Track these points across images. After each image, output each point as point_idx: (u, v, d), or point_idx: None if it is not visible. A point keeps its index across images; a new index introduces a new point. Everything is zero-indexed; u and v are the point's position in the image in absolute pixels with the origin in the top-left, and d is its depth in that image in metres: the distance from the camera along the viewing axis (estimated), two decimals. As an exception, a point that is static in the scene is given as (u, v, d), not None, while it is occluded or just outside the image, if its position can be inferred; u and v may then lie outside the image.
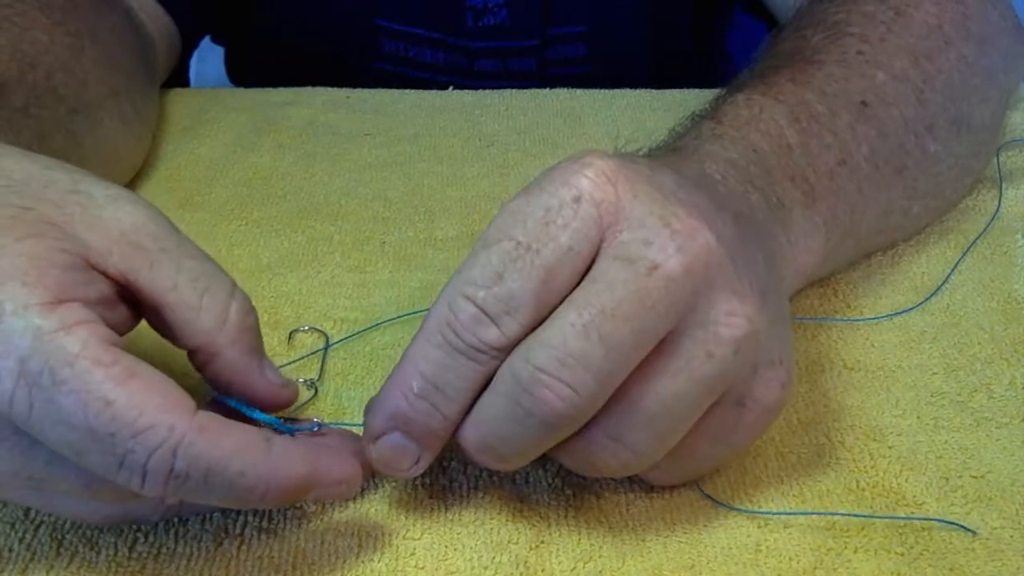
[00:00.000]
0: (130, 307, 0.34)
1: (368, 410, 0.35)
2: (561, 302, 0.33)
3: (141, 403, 0.30)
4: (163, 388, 0.31)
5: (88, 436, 0.30)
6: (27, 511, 0.37)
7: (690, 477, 0.38)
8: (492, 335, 0.33)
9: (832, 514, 0.38)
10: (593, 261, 0.33)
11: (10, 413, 0.30)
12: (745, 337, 0.33)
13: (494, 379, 0.33)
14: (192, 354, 0.35)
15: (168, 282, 0.34)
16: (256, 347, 0.36)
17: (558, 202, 0.33)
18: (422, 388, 0.33)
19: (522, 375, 0.32)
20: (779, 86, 0.47)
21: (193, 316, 0.34)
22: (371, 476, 0.37)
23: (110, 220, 0.33)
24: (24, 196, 0.33)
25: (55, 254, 0.31)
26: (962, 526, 0.37)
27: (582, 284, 0.33)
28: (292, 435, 0.36)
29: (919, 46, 0.51)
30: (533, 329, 0.33)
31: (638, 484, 0.38)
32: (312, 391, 0.43)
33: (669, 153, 0.43)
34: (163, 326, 0.35)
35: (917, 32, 0.52)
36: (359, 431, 0.36)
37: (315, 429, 0.37)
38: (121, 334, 0.33)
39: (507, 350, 0.33)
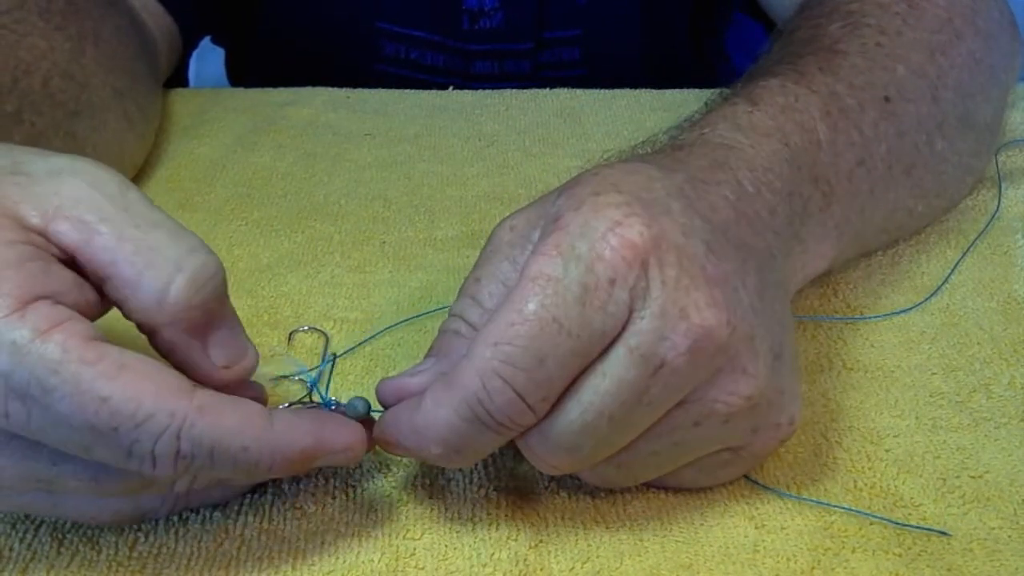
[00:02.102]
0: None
1: (388, 433, 0.35)
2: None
3: (137, 394, 0.30)
4: (156, 375, 0.31)
5: (91, 434, 0.30)
6: (27, 511, 0.37)
7: (676, 488, 0.39)
8: (527, 419, 0.33)
9: (829, 504, 0.38)
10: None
11: (7, 425, 0.30)
12: (740, 413, 0.34)
13: None
14: (138, 327, 0.34)
15: (107, 256, 0.32)
16: (202, 324, 0.34)
17: (594, 281, 0.32)
18: (443, 453, 0.34)
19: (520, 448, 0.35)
20: (811, 75, 0.46)
21: (131, 293, 0.32)
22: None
23: (48, 194, 0.32)
24: None
25: (5, 250, 0.30)
26: (941, 531, 0.37)
27: (595, 370, 0.33)
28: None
29: (933, 40, 0.51)
30: None
31: (637, 484, 0.39)
32: (308, 386, 0.43)
33: (705, 150, 0.41)
34: (109, 299, 0.33)
35: (930, 25, 0.52)
36: None
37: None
38: (96, 315, 0.33)
39: (534, 424, 0.33)
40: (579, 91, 0.70)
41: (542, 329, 0.32)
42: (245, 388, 0.37)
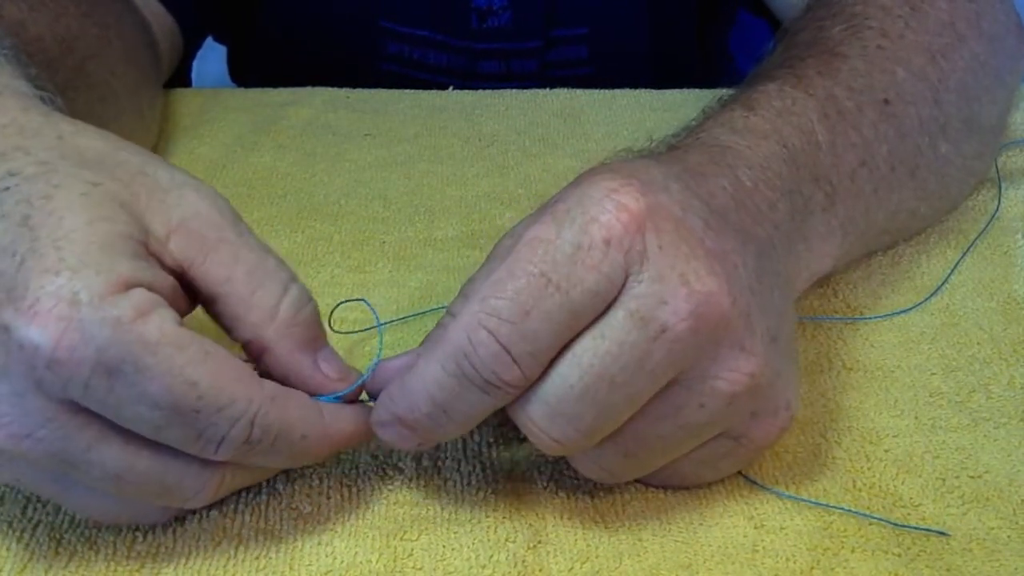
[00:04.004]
0: (187, 292, 0.35)
1: (381, 399, 0.35)
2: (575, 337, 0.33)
3: (222, 381, 0.31)
4: (233, 363, 0.32)
5: (172, 414, 0.31)
6: (24, 509, 0.37)
7: (676, 486, 0.39)
8: (512, 374, 0.33)
9: (828, 505, 0.38)
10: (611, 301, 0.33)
11: (83, 397, 0.31)
12: (743, 391, 0.34)
13: None
14: (244, 346, 0.35)
15: (223, 273, 0.34)
16: (309, 341, 0.35)
17: (588, 241, 0.32)
18: (431, 412, 0.34)
19: (516, 421, 0.34)
20: (808, 78, 0.46)
21: (244, 311, 0.34)
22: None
23: (172, 206, 0.34)
24: (95, 173, 0.33)
25: (123, 240, 0.32)
26: (940, 531, 0.37)
27: (592, 332, 0.33)
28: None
29: (935, 43, 0.51)
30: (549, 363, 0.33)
31: (635, 484, 0.39)
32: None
33: (701, 149, 0.41)
34: (216, 317, 0.35)
35: (932, 29, 0.52)
36: None
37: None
38: (175, 304, 0.34)
39: (523, 387, 0.33)
40: (579, 91, 0.70)
41: (528, 283, 0.32)
42: (340, 380, 0.37)
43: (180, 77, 0.72)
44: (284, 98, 0.69)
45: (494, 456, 0.40)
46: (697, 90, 0.70)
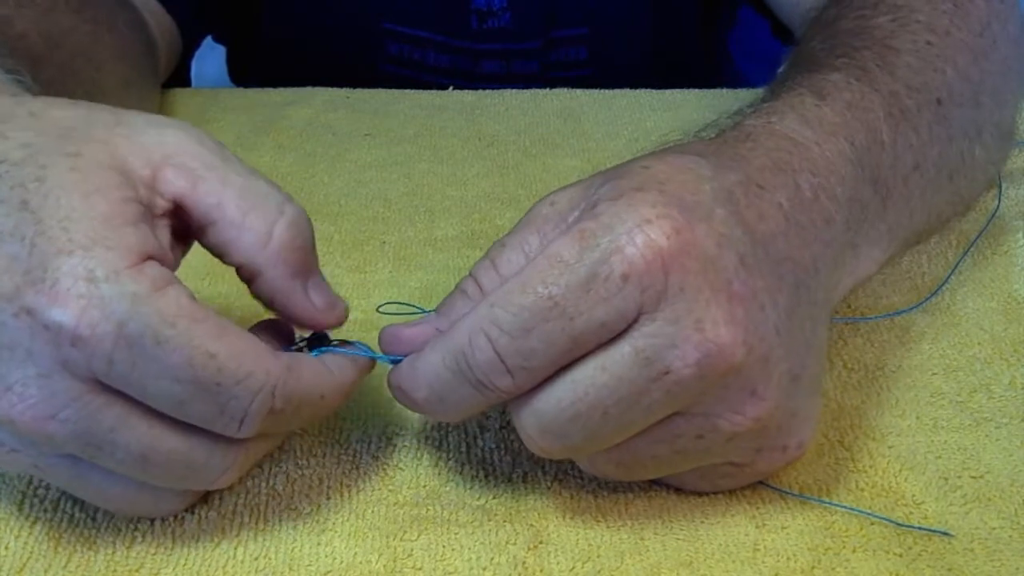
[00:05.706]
0: (181, 234, 0.35)
1: (394, 371, 0.36)
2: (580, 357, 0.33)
3: (240, 353, 0.32)
4: (249, 337, 0.33)
5: (193, 387, 0.31)
6: (21, 506, 0.37)
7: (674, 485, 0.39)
8: (504, 382, 0.33)
9: (830, 504, 0.38)
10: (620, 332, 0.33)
11: (107, 373, 0.31)
12: (745, 432, 0.34)
13: None
14: (237, 270, 0.35)
15: (213, 199, 0.34)
16: (302, 267, 0.35)
17: (606, 271, 0.32)
18: (428, 397, 0.35)
19: (512, 419, 0.35)
20: (871, 72, 0.45)
21: (236, 234, 0.34)
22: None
23: (152, 145, 0.34)
24: (74, 142, 0.33)
25: (121, 206, 0.32)
26: (943, 532, 0.37)
27: (594, 361, 0.33)
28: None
29: (976, 44, 0.50)
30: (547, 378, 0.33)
31: (636, 483, 0.38)
32: None
33: (770, 144, 0.39)
34: (210, 244, 0.35)
35: (974, 28, 0.51)
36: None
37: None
38: (173, 269, 0.34)
39: (517, 393, 0.34)
40: (579, 91, 0.70)
41: (536, 303, 0.32)
42: (329, 308, 0.38)
43: (179, 77, 0.72)
44: (284, 98, 0.69)
45: (496, 457, 0.40)
46: (697, 90, 0.70)
